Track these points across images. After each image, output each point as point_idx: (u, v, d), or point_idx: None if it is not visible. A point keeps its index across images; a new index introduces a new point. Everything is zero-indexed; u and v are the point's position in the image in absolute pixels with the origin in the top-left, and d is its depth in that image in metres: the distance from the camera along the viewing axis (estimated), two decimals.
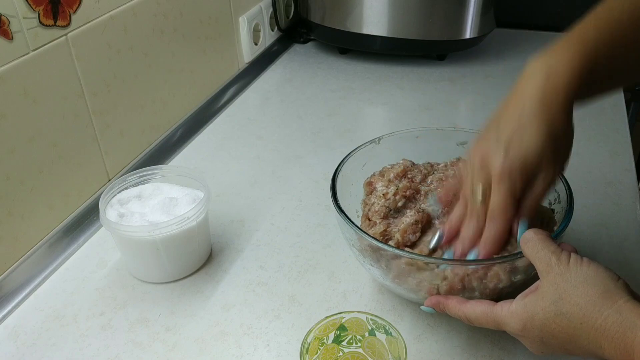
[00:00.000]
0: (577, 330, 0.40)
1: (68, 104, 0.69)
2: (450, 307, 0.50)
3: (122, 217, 0.62)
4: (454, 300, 0.50)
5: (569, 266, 0.42)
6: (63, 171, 0.70)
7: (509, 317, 0.44)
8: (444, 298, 0.50)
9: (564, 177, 0.57)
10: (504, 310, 0.45)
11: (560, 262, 0.43)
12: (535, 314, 0.42)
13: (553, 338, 0.42)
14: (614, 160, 0.82)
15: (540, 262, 0.44)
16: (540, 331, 0.42)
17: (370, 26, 1.09)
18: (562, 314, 0.41)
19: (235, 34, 1.07)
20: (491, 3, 1.10)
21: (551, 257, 0.43)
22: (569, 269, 0.42)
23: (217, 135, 0.94)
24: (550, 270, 0.43)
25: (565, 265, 0.42)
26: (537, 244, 0.45)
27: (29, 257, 0.66)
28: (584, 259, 0.42)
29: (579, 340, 0.40)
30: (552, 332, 0.41)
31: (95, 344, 0.57)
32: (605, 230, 0.69)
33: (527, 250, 0.46)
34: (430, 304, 0.52)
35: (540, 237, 0.46)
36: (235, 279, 0.65)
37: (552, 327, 0.41)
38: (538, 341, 0.43)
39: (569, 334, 0.41)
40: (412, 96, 1.03)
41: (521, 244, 0.47)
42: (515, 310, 0.44)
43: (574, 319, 0.40)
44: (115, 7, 0.75)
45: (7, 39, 0.60)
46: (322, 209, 0.75)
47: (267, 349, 0.56)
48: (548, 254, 0.44)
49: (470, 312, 0.48)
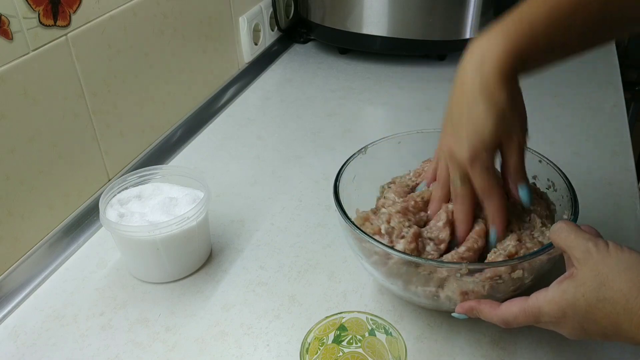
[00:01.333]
0: (620, 316, 0.40)
1: (68, 104, 0.69)
2: (485, 313, 0.49)
3: (122, 217, 0.62)
4: (487, 305, 0.49)
5: (609, 252, 0.42)
6: (63, 171, 0.70)
7: (547, 305, 0.44)
8: (476, 303, 0.49)
9: (569, 181, 0.57)
10: (539, 300, 0.44)
11: (599, 249, 0.42)
12: (576, 300, 0.42)
13: (594, 324, 0.42)
14: (614, 160, 0.82)
15: (577, 250, 0.43)
16: (582, 317, 0.42)
17: (370, 26, 1.09)
18: (605, 299, 0.40)
19: (235, 34, 1.07)
20: (491, 3, 1.10)
21: (588, 244, 0.43)
22: (609, 255, 0.42)
23: (217, 135, 0.94)
24: (589, 257, 0.42)
25: (605, 252, 0.42)
26: (571, 232, 0.45)
27: (29, 257, 0.66)
28: (624, 246, 0.42)
29: (621, 325, 0.40)
30: (594, 318, 0.41)
31: (95, 344, 0.57)
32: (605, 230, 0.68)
33: (559, 239, 0.46)
34: (462, 310, 0.51)
35: (572, 226, 0.46)
36: (235, 279, 0.65)
37: (595, 313, 0.41)
38: (578, 327, 0.43)
39: (611, 320, 0.40)
40: (412, 96, 1.03)
41: (552, 234, 0.47)
42: (553, 298, 0.43)
43: (616, 305, 0.40)
44: (115, 7, 0.75)
45: (7, 39, 0.60)
46: (322, 209, 0.75)
47: (267, 349, 0.56)
48: (584, 241, 0.43)
49: (507, 314, 0.47)
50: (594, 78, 1.05)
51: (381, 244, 0.51)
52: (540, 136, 0.86)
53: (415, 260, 0.50)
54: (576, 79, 1.05)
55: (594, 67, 1.09)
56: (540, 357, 0.54)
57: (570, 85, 1.03)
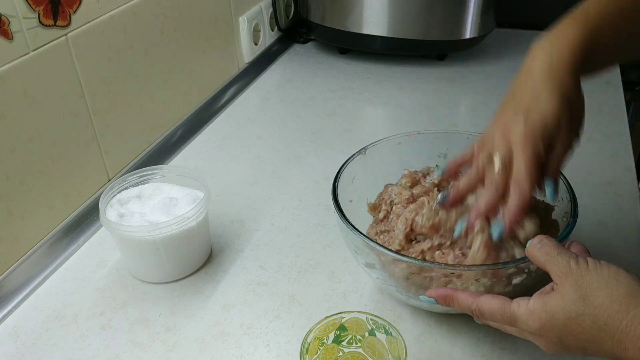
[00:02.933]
0: (601, 331, 0.40)
1: (68, 104, 0.69)
2: (461, 300, 0.48)
3: (122, 217, 0.62)
4: (465, 293, 0.48)
5: (589, 269, 0.42)
6: (63, 171, 0.70)
7: (527, 315, 0.43)
8: (452, 291, 0.49)
9: (568, 181, 0.57)
10: (521, 307, 0.44)
11: (579, 266, 0.42)
12: (555, 313, 0.42)
13: (573, 338, 0.41)
14: (614, 160, 0.82)
15: (557, 266, 0.43)
16: (560, 331, 0.42)
17: (370, 26, 1.09)
18: (585, 314, 0.40)
19: (235, 34, 1.07)
20: (491, 3, 1.10)
21: (569, 261, 0.43)
22: (589, 272, 0.42)
23: (217, 135, 0.94)
24: (569, 273, 0.42)
25: (585, 269, 0.42)
26: (552, 249, 0.45)
27: (29, 257, 0.66)
28: (602, 262, 0.42)
29: (602, 341, 0.40)
30: (573, 332, 0.41)
31: (95, 344, 0.57)
32: (605, 230, 0.69)
33: (539, 255, 0.45)
34: (435, 294, 0.50)
35: (553, 242, 0.45)
36: (235, 279, 0.65)
37: (574, 327, 0.41)
38: (556, 341, 0.43)
39: (591, 335, 0.40)
40: (412, 96, 1.03)
41: (531, 249, 0.46)
42: (534, 309, 0.43)
43: (598, 320, 0.40)
44: (115, 7, 0.75)
45: (7, 39, 0.60)
46: (322, 209, 0.75)
47: (267, 349, 0.56)
48: (565, 258, 0.43)
49: (485, 305, 0.46)
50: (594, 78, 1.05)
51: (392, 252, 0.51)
52: None
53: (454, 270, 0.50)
54: None
55: None
56: (540, 357, 0.54)
57: None
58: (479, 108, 1.01)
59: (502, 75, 1.10)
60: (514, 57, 1.16)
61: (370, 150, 0.65)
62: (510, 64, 1.13)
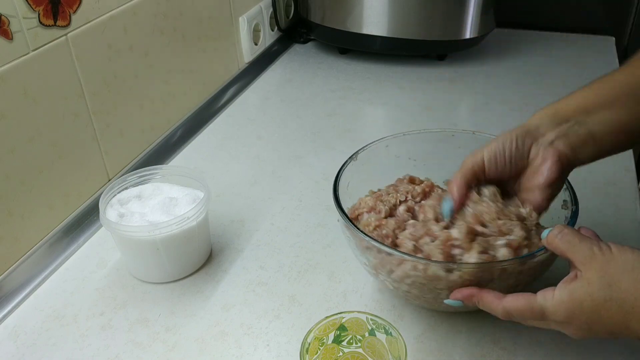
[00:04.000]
0: (629, 314, 0.40)
1: (68, 104, 0.69)
2: (487, 301, 0.47)
3: (122, 217, 0.62)
4: (490, 294, 0.47)
5: (613, 254, 0.42)
6: (63, 171, 0.70)
7: (556, 305, 0.43)
8: (477, 290, 0.48)
9: (569, 182, 0.57)
10: (547, 299, 0.44)
11: (603, 252, 0.42)
12: (583, 301, 0.42)
13: (601, 324, 0.42)
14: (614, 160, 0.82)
15: (579, 254, 0.43)
16: (588, 318, 0.42)
17: (370, 26, 1.09)
18: (613, 299, 0.41)
19: (235, 34, 1.07)
20: (491, 3, 1.10)
21: (592, 247, 0.43)
22: (613, 257, 0.42)
23: (217, 135, 0.94)
24: (594, 259, 0.42)
25: (609, 254, 0.42)
26: (572, 237, 0.45)
27: (29, 257, 0.66)
28: (626, 247, 0.42)
29: (630, 324, 0.40)
30: (601, 318, 0.41)
31: (95, 344, 0.57)
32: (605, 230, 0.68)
33: (560, 244, 0.45)
34: (460, 296, 0.49)
35: (572, 230, 0.46)
36: (235, 279, 0.65)
37: (602, 313, 0.41)
38: (585, 327, 0.43)
39: (618, 319, 0.41)
40: (412, 96, 1.03)
41: (550, 239, 0.46)
42: (561, 298, 0.43)
43: (625, 305, 0.40)
44: (115, 7, 0.75)
45: (7, 39, 0.60)
46: (322, 209, 0.75)
47: (267, 349, 0.56)
48: (588, 244, 0.43)
49: (511, 306, 0.46)
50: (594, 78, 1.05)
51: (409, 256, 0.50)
52: None
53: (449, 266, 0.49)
54: (576, 79, 1.05)
55: (594, 67, 1.09)
56: (540, 357, 0.54)
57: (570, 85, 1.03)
58: (478, 108, 1.01)
59: (502, 75, 1.10)
60: (514, 57, 1.16)
61: (361, 156, 0.64)
62: (510, 64, 1.13)
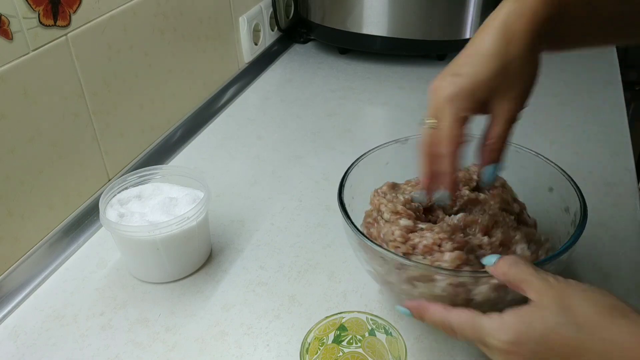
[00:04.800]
0: (586, 342, 0.38)
1: (68, 104, 0.69)
2: (432, 312, 0.46)
3: (122, 217, 0.62)
4: (438, 305, 0.45)
5: (570, 283, 0.41)
6: (63, 171, 0.70)
7: (499, 327, 0.41)
8: (426, 303, 0.46)
9: (579, 189, 0.56)
10: (492, 320, 0.41)
11: (559, 281, 0.41)
12: (532, 323, 0.39)
13: (551, 352, 0.39)
14: (614, 160, 0.82)
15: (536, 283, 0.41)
16: (537, 344, 0.39)
17: (370, 26, 1.09)
18: (567, 323, 0.38)
19: (235, 34, 1.07)
20: (491, 3, 1.10)
21: (547, 277, 0.41)
22: (570, 285, 0.41)
23: (217, 135, 0.94)
24: (549, 288, 0.41)
25: (565, 283, 0.41)
26: (528, 267, 0.43)
27: (29, 257, 0.66)
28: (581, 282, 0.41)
29: (585, 352, 0.38)
30: (551, 344, 0.39)
31: (95, 344, 0.57)
32: (605, 230, 0.69)
33: (516, 273, 0.43)
34: (410, 305, 0.47)
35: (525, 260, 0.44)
36: (235, 279, 0.65)
37: (553, 338, 0.39)
38: (530, 357, 0.40)
39: (572, 346, 0.38)
40: (412, 96, 1.03)
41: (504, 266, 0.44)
42: (508, 321, 0.40)
43: (582, 330, 0.38)
44: (115, 7, 0.75)
45: (7, 39, 0.60)
46: (322, 209, 0.75)
47: (267, 349, 0.56)
48: (543, 275, 0.42)
49: (454, 318, 0.44)
50: (594, 78, 1.05)
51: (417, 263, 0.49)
52: (541, 136, 0.86)
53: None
54: (576, 79, 1.05)
55: (594, 67, 1.09)
56: None
57: (570, 85, 1.03)
58: None
59: None
60: None
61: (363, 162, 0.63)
62: None
